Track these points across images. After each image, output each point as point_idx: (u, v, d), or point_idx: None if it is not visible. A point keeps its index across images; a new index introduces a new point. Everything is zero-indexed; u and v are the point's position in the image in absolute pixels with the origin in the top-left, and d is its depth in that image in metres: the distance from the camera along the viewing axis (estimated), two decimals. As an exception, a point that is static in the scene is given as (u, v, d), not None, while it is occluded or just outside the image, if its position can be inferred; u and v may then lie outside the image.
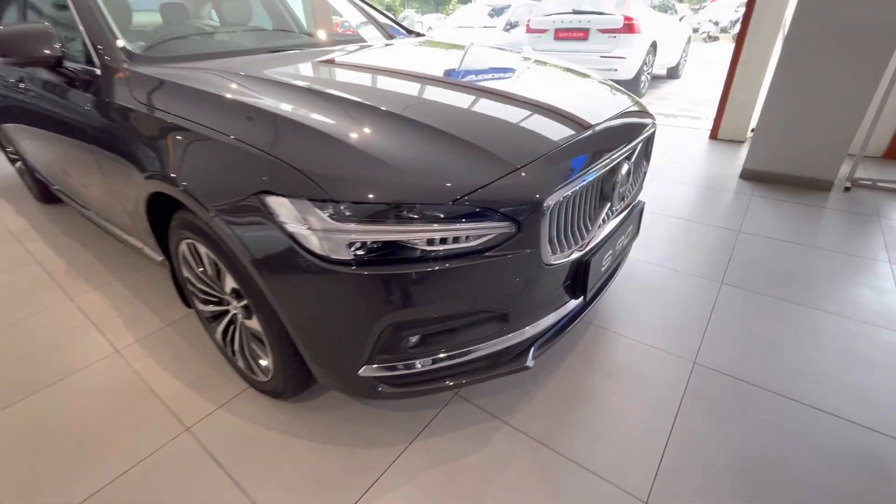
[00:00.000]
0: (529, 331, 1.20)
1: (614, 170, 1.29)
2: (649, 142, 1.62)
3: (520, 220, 1.01)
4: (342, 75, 1.56)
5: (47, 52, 1.52)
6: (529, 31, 6.67)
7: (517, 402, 1.43)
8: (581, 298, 1.30)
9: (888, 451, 1.25)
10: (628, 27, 5.82)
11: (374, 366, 1.08)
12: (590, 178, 1.16)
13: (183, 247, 1.33)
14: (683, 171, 3.38)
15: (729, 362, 1.56)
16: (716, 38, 16.48)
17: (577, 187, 1.12)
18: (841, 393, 1.43)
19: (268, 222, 0.97)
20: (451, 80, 1.57)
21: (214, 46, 1.87)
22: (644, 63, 6.25)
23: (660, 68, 7.35)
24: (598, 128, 1.29)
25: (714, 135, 4.10)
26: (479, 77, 1.59)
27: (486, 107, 1.32)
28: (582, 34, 6.13)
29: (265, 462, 1.26)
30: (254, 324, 1.22)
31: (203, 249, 1.23)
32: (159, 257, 1.63)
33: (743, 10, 3.59)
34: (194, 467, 1.25)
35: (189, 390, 1.51)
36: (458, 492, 1.17)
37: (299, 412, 1.41)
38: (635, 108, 1.56)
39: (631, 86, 6.36)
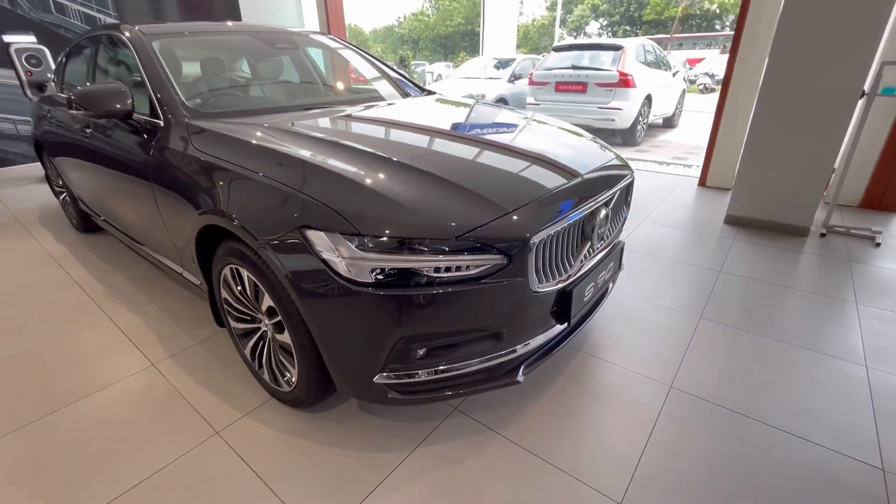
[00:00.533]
0: (520, 349, 1.39)
1: (594, 213, 1.53)
2: (628, 191, 1.86)
3: (511, 254, 1.23)
4: (364, 130, 1.84)
5: (120, 107, 1.81)
6: (532, 83, 7.17)
7: (510, 416, 1.60)
8: (566, 324, 1.50)
9: (835, 465, 1.40)
10: (624, 81, 6.27)
11: (387, 374, 1.27)
12: (571, 220, 1.40)
13: (226, 271, 1.56)
14: (672, 215, 3.63)
15: (701, 386, 1.74)
16: (712, 90, 17.29)
17: (560, 227, 1.35)
18: (800, 415, 1.59)
19: (306, 251, 1.20)
20: (456, 133, 1.85)
21: (256, 103, 2.18)
22: (639, 114, 6.67)
23: (656, 119, 7.80)
24: (581, 178, 1.54)
25: (703, 182, 4.39)
26: (482, 131, 1.87)
27: (486, 158, 1.58)
28: (581, 87, 6.60)
29: (286, 462, 1.43)
30: (284, 338, 1.43)
31: (245, 273, 1.45)
32: (198, 280, 1.86)
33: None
34: (224, 465, 1.43)
35: (218, 399, 1.70)
36: (456, 492, 1.33)
37: (316, 420, 1.59)
38: (617, 162, 1.82)
39: (627, 135, 6.76)
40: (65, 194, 3.34)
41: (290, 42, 2.60)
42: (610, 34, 40.10)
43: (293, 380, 1.50)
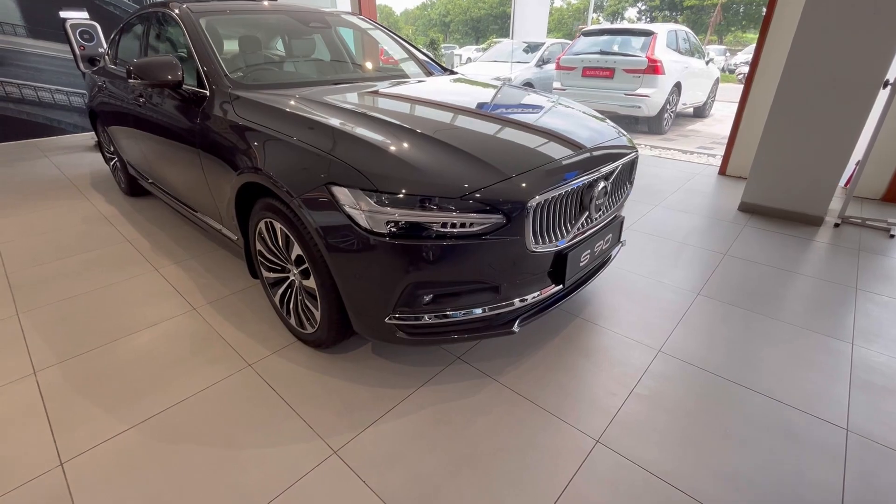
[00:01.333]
0: (517, 303, 1.56)
1: (593, 185, 1.66)
2: (632, 168, 1.98)
3: (511, 215, 1.39)
4: (388, 104, 2.00)
5: (171, 77, 2.03)
6: (559, 68, 7.15)
7: (507, 366, 1.78)
8: (561, 285, 1.65)
9: (803, 423, 1.52)
10: (653, 68, 6.21)
11: (397, 315, 1.46)
12: (570, 188, 1.54)
13: (261, 225, 1.77)
14: (688, 201, 3.68)
15: (689, 352, 1.87)
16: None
17: (557, 194, 1.50)
18: (780, 382, 1.71)
19: (333, 205, 1.39)
20: (473, 109, 1.99)
21: (291, 77, 2.38)
22: (667, 102, 6.60)
23: (686, 108, 7.67)
24: (583, 150, 1.67)
25: (723, 170, 4.39)
26: (499, 109, 2.01)
27: (498, 131, 1.72)
28: (608, 73, 6.56)
29: (309, 391, 1.65)
30: (310, 283, 1.63)
31: (279, 226, 1.66)
32: (235, 236, 2.08)
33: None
34: (254, 391, 1.66)
35: (250, 339, 1.93)
36: (451, 422, 1.52)
37: (335, 360, 1.80)
38: (623, 141, 1.93)
39: (653, 122, 6.71)
40: (115, 160, 3.65)
41: (323, 22, 2.77)
42: (648, 20, 38.70)
43: (316, 321, 1.71)
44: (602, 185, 1.69)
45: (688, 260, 2.67)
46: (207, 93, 2.02)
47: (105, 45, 4.98)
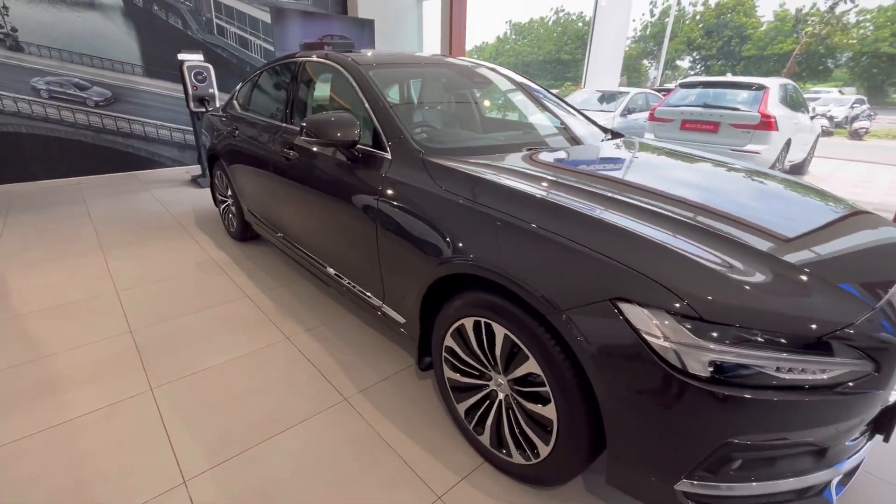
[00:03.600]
0: (840, 467, 1.13)
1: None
2: None
3: (879, 360, 1.00)
4: (642, 182, 1.60)
5: (348, 137, 1.79)
6: (653, 119, 6.82)
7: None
8: (884, 437, 1.22)
9: None
10: (766, 124, 5.76)
11: (694, 482, 1.07)
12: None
13: (466, 322, 1.44)
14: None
15: None
16: (830, 133, 15.71)
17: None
18: None
19: (616, 326, 1.04)
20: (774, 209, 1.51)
21: (482, 140, 2.10)
22: (777, 160, 6.09)
23: (785, 164, 7.11)
24: None
25: None
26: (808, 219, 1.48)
27: (841, 242, 1.32)
28: (712, 127, 6.16)
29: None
30: (541, 410, 1.27)
31: (502, 331, 1.32)
32: (402, 319, 1.78)
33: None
34: (458, 542, 1.28)
35: (425, 452, 1.58)
36: None
37: (541, 496, 1.41)
38: None
39: (761, 180, 6.17)
40: (227, 203, 3.53)
41: (482, 77, 2.54)
42: (703, 69, 38.28)
43: (537, 454, 1.34)
44: None
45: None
46: (389, 156, 1.77)
47: (214, 87, 5.09)
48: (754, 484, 1.08)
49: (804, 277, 1.09)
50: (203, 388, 1.89)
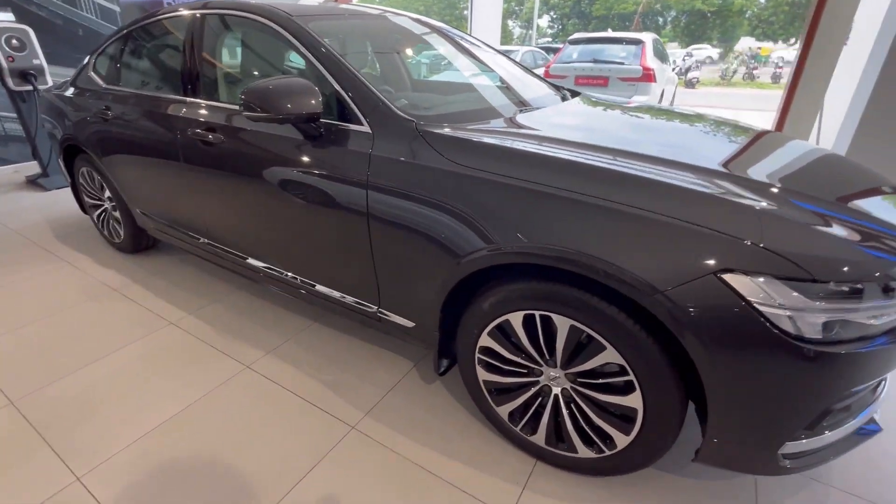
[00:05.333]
0: (881, 398, 1.22)
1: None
2: None
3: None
4: (656, 138, 1.54)
5: (309, 110, 1.40)
6: (548, 76, 7.01)
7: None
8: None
9: None
10: (647, 76, 6.28)
11: (802, 440, 1.05)
12: None
13: (512, 318, 1.24)
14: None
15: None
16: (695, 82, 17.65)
17: None
18: None
19: (725, 301, 0.95)
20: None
21: (471, 103, 1.81)
22: (656, 109, 6.73)
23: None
24: None
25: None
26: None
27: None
28: (602, 81, 6.54)
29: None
30: (625, 399, 1.15)
31: (566, 321, 1.16)
32: (411, 324, 1.52)
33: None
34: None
35: (467, 468, 1.39)
36: None
37: (612, 485, 1.33)
38: None
39: (646, 129, 6.79)
40: (104, 208, 2.76)
41: (429, 31, 2.21)
42: (559, 27, 40.88)
43: (613, 445, 1.23)
44: None
45: None
46: (366, 128, 1.44)
47: (40, 56, 3.90)
48: (828, 433, 1.10)
49: (858, 220, 1.09)
50: (152, 461, 1.43)
